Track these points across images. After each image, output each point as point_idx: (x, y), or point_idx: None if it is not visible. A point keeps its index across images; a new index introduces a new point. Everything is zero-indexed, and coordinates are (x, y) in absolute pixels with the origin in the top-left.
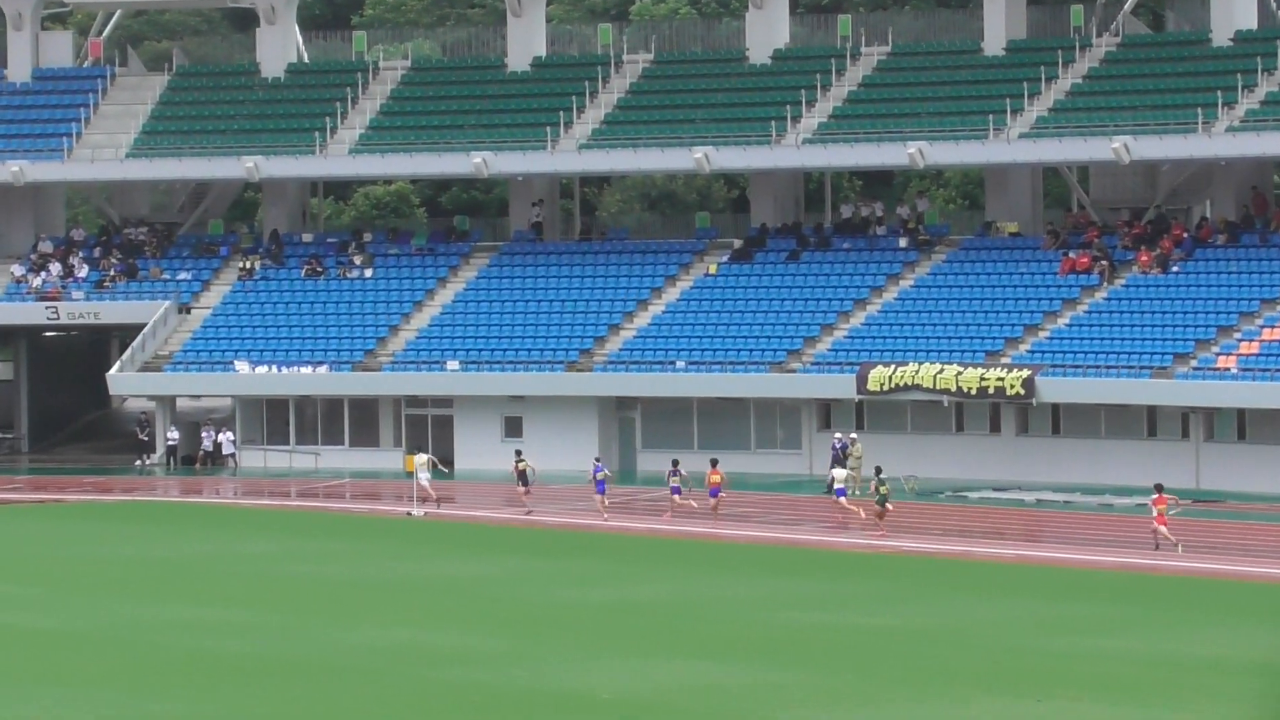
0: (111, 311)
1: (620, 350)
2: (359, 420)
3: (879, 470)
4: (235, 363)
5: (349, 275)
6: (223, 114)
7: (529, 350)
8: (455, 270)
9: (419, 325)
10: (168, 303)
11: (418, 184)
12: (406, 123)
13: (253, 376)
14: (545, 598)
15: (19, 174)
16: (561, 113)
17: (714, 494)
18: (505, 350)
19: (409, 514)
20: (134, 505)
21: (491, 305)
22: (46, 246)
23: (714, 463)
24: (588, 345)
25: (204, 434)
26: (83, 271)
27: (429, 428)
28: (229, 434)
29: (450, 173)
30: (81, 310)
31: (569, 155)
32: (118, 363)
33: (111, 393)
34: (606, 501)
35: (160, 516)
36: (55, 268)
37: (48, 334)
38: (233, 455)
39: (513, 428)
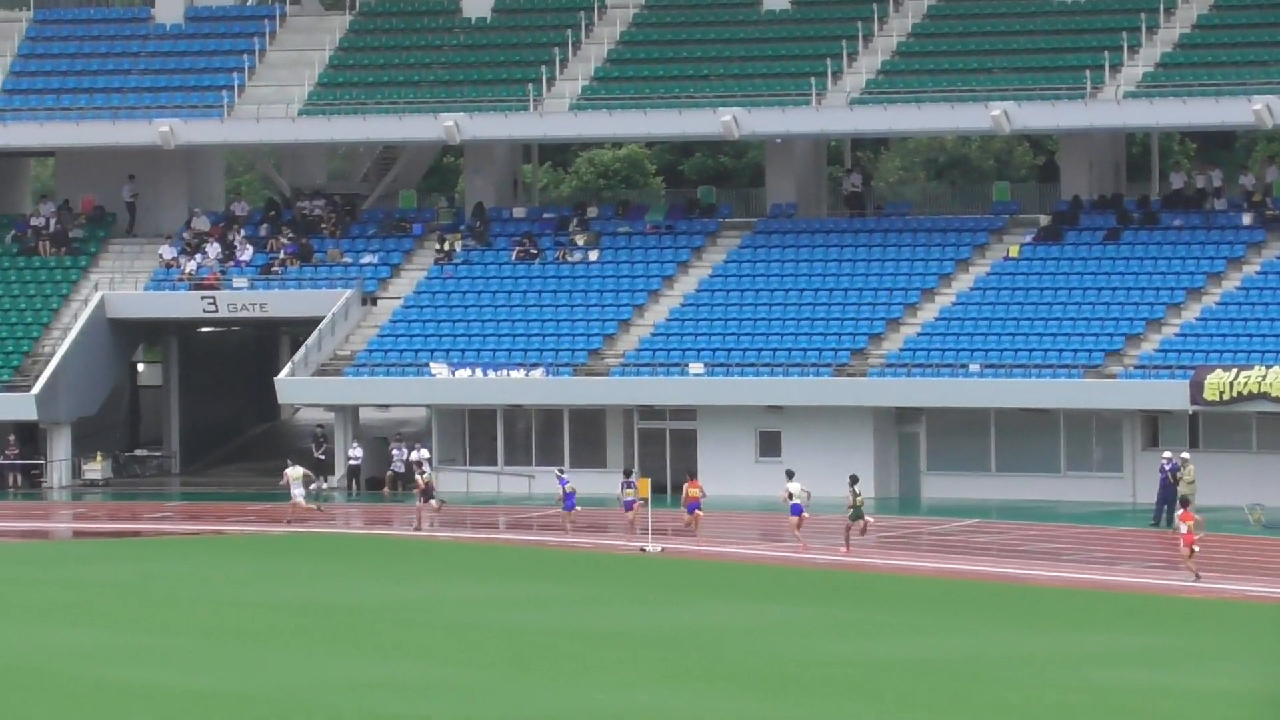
0: (281, 302)
1: (901, 351)
2: (581, 436)
3: (854, 480)
4: (431, 365)
5: (569, 258)
6: (416, 62)
7: (789, 350)
8: (699, 252)
9: (655, 319)
10: (349, 292)
11: (654, 148)
12: (640, 72)
13: (452, 382)
14: (809, 653)
15: (169, 135)
16: (829, 59)
17: (692, 509)
18: (760, 350)
19: (642, 550)
20: (307, 538)
21: (743, 295)
22: (202, 223)
23: (691, 474)
24: (860, 345)
25: (393, 452)
26: (246, 254)
27: (667, 444)
28: (423, 452)
29: (693, 133)
30: (244, 301)
31: (838, 112)
32: (288, 365)
33: (280, 401)
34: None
35: (340, 552)
36: (213, 249)
37: (204, 330)
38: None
39: (769, 445)
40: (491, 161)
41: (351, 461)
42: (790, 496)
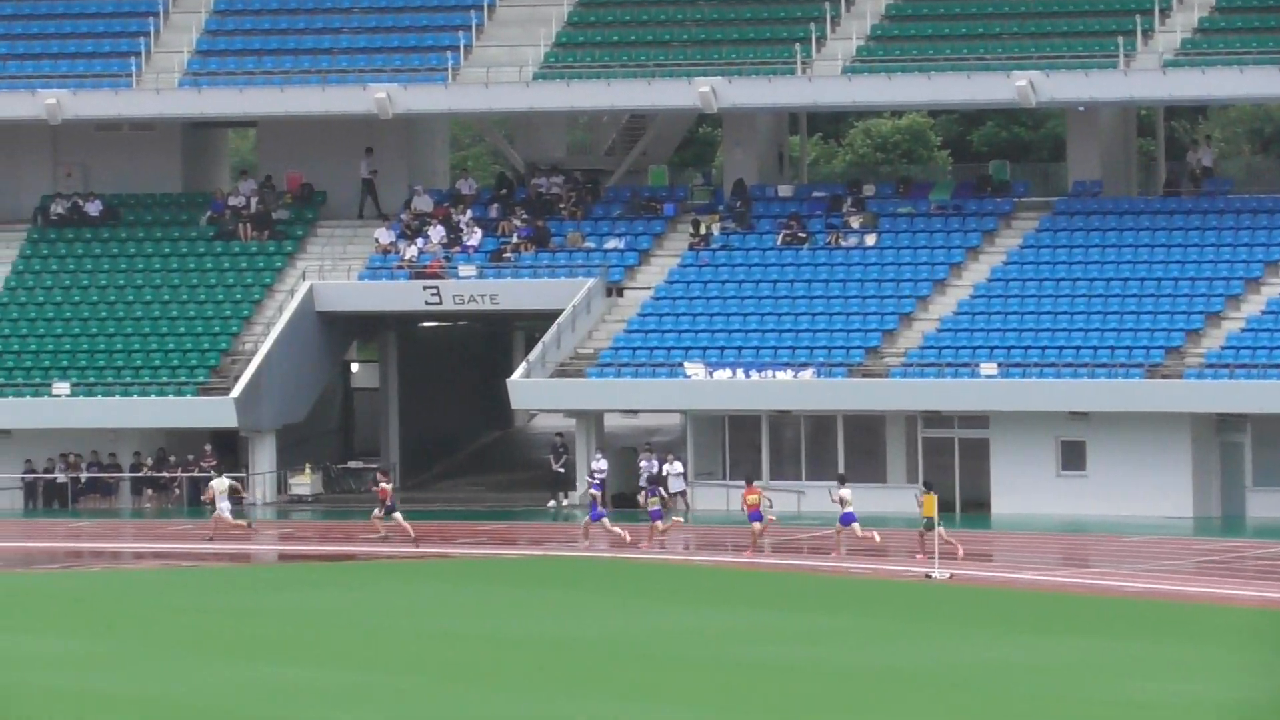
0: (513, 293)
1: (1222, 349)
2: (858, 445)
3: (929, 487)
4: (685, 365)
5: (843, 243)
6: (667, 19)
7: (1094, 349)
8: (991, 236)
9: (941, 313)
10: (592, 281)
11: (939, 117)
12: (923, 30)
13: (709, 384)
14: (1114, 693)
15: (386, 103)
16: (1138, 16)
17: (754, 519)
18: (1061, 349)
19: (928, 576)
20: (546, 563)
21: (1041, 285)
22: (424, 203)
23: (749, 480)
24: (1176, 342)
25: (642, 463)
26: (474, 238)
27: (955, 455)
28: (677, 464)
29: (984, 100)
30: (472, 291)
31: (1150, 76)
32: (522, 365)
33: (514, 406)
34: (597, 528)
35: (583, 578)
36: (436, 232)
37: (426, 325)
38: (682, 493)
39: (1072, 456)
40: (753, 132)
41: (595, 475)
42: (843, 503)
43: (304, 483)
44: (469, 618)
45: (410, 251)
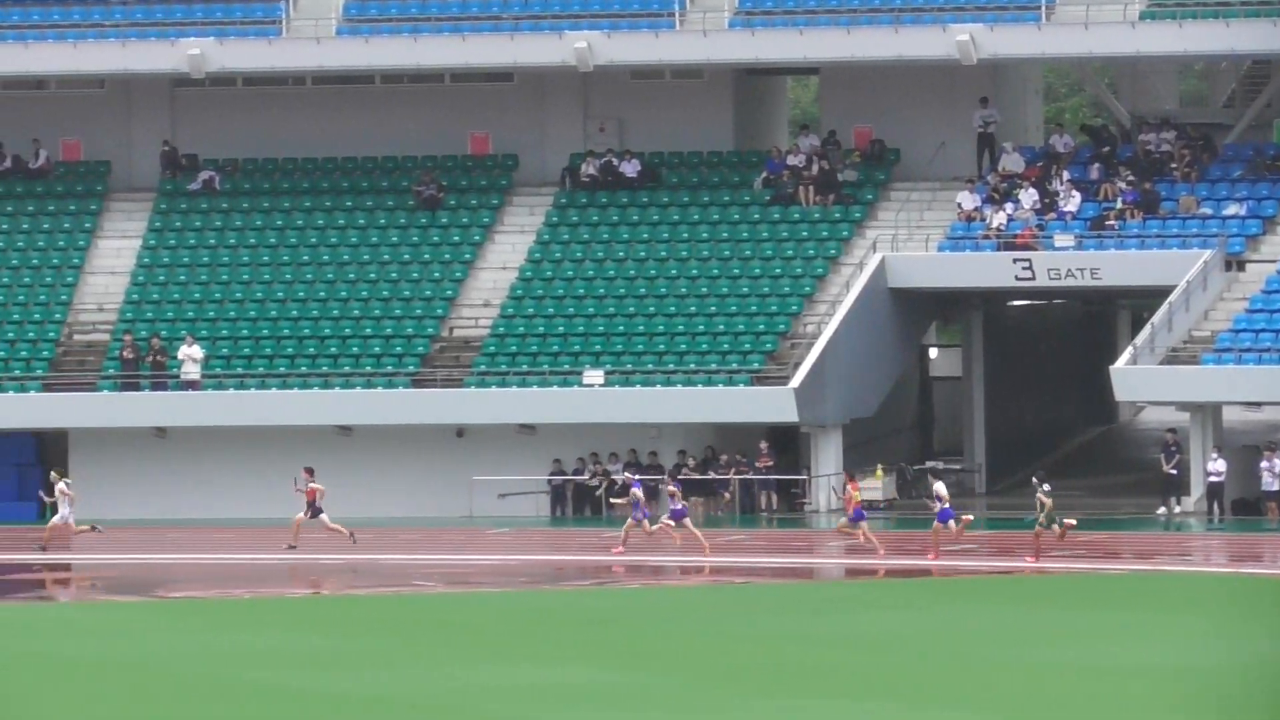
0: (1117, 267)
1: None
2: None
3: (1043, 479)
4: None
5: None
6: None
7: None
8: None
9: None
10: (1208, 253)
11: None
12: None
13: None
14: None
15: (969, 46)
16: None
17: (857, 517)
18: None
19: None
20: (1157, 580)
21: None
22: (1014, 162)
23: (850, 474)
24: None
25: (1263, 464)
26: (1072, 203)
27: None
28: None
29: None
30: (1070, 265)
31: None
32: (1128, 350)
33: (1118, 398)
34: (647, 528)
35: (1206, 600)
36: (1028, 197)
37: (1016, 303)
38: None
39: None
40: None
41: (1212, 478)
42: (939, 501)
43: (876, 486)
44: (1059, 644)
45: (998, 219)
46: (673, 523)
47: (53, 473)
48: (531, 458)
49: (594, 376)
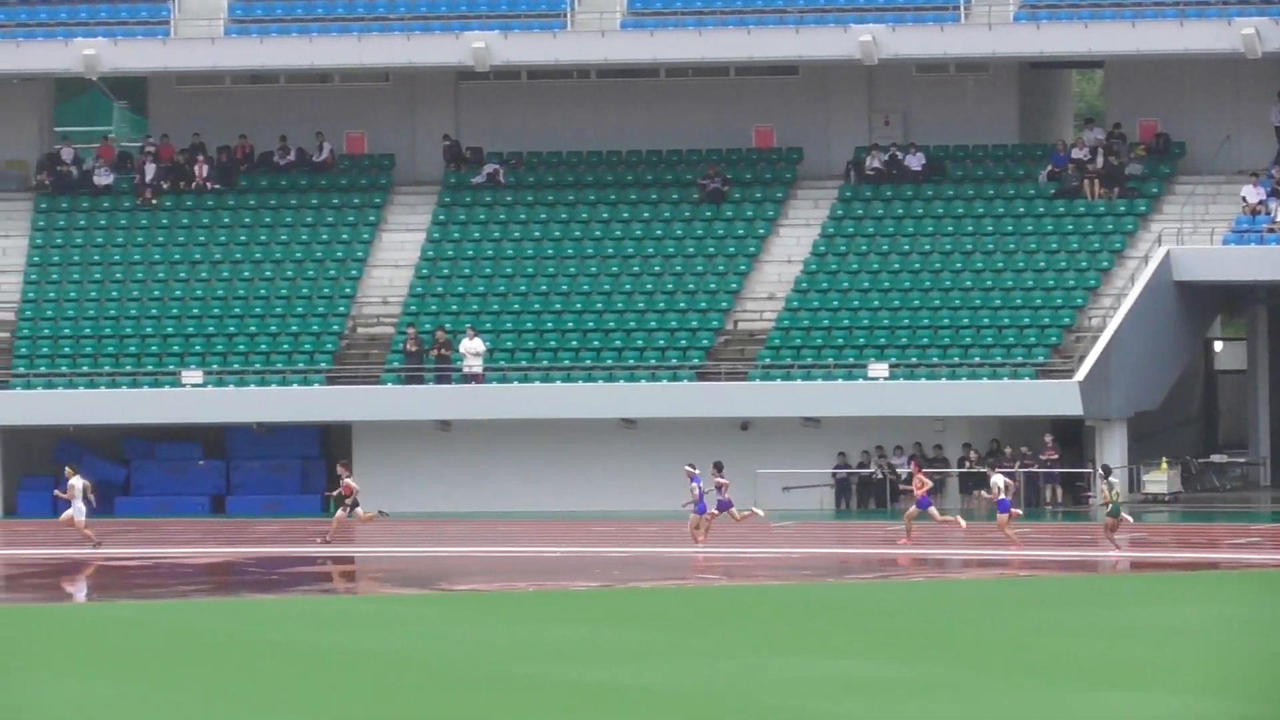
0: None
1: None
2: None
3: (1108, 471)
4: None
5: None
6: None
7: None
8: None
9: None
10: None
11: None
12: None
13: None
14: None
15: (1254, 39)
16: None
17: (924, 504)
18: None
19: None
20: None
21: None
22: None
23: (918, 461)
24: None
25: None
26: None
27: None
28: None
29: None
30: None
31: None
32: None
33: None
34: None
35: None
36: None
37: None
38: None
39: None
40: None
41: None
42: (999, 491)
43: (1160, 479)
44: None
45: None
46: (717, 513)
47: (67, 468)
48: (816, 451)
49: (879, 370)
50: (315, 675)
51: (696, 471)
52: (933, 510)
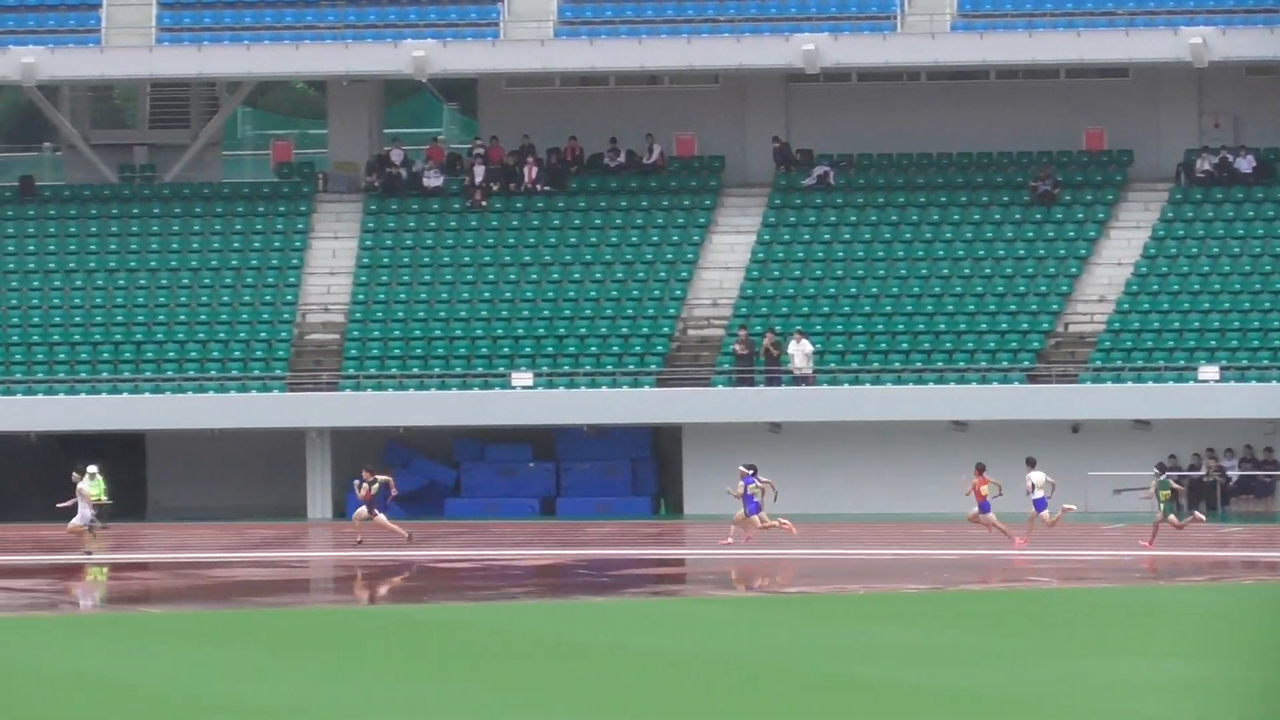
0: None
1: None
2: None
3: (1163, 469)
4: None
5: None
6: None
7: None
8: None
9: None
10: None
11: None
12: None
13: None
14: None
15: None
16: None
17: (985, 509)
18: None
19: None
20: None
21: None
22: None
23: (980, 467)
24: None
25: None
26: None
27: None
28: None
29: None
30: None
31: None
32: None
33: None
34: (762, 520)
35: None
36: None
37: None
38: None
39: None
40: None
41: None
42: (1033, 488)
43: None
44: None
45: None
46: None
47: (74, 473)
48: (1146, 453)
49: (1209, 372)
50: (645, 678)
51: (750, 472)
52: (990, 516)
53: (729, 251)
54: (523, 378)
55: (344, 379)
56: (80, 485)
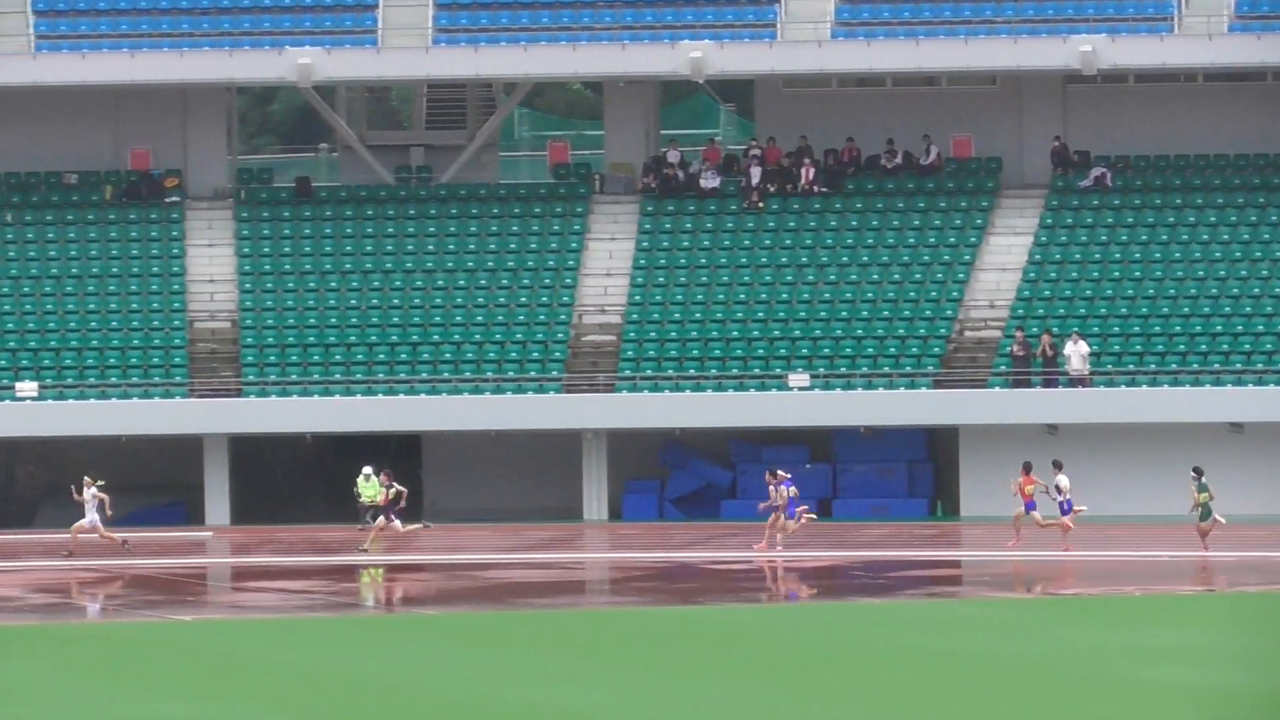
0: None
1: None
2: None
3: (1199, 473)
4: None
5: None
6: None
7: None
8: None
9: None
10: None
11: None
12: None
13: None
14: None
15: None
16: None
17: (1029, 509)
18: None
19: None
20: None
21: None
22: None
23: (1026, 467)
24: None
25: None
26: None
27: None
28: None
29: None
30: None
31: None
32: None
33: None
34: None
35: None
36: None
37: None
38: None
39: None
40: None
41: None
42: (1060, 491)
43: None
44: None
45: None
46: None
47: (86, 477)
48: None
49: None
50: (921, 679)
51: (789, 477)
52: (1035, 515)
53: (1006, 253)
54: (799, 379)
55: (620, 380)
56: (91, 489)
